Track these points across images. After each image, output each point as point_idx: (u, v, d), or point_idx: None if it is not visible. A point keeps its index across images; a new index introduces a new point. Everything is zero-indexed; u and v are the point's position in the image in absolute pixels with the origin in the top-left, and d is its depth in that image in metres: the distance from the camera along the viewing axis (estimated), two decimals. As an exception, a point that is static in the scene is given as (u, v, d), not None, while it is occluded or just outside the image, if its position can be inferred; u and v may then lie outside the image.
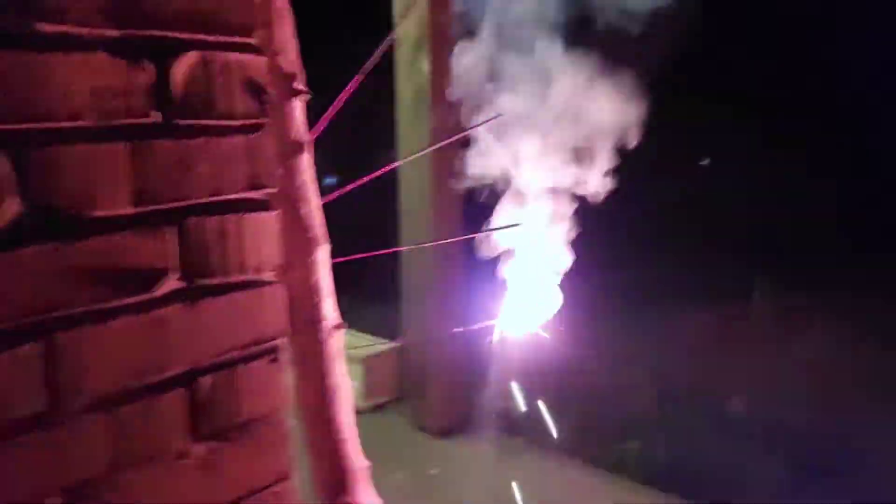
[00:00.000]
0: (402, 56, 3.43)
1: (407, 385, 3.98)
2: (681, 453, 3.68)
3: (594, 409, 4.23)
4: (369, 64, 1.14)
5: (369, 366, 4.06)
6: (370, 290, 5.29)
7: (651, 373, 4.78)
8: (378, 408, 4.13)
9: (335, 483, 1.14)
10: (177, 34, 0.85)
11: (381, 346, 4.27)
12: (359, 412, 3.86)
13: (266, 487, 0.97)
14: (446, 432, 3.89)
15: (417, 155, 3.18)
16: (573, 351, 5.03)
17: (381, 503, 1.18)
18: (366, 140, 4.68)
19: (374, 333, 4.45)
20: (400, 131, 3.56)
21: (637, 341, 5.35)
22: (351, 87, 1.14)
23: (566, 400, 4.28)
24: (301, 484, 1.03)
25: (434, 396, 3.78)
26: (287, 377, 1.00)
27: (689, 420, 4.03)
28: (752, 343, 5.05)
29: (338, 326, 1.10)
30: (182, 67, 0.85)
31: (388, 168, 1.57)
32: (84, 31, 0.78)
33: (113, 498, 0.82)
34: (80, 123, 0.78)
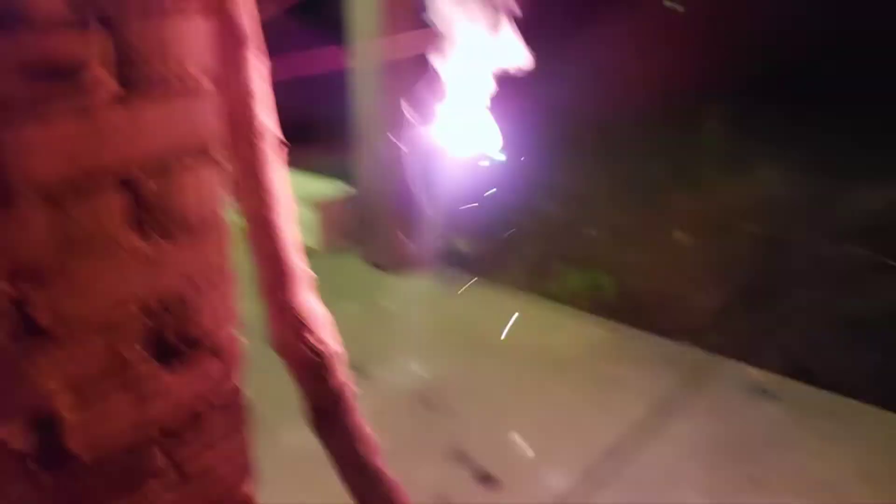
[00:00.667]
0: None
1: (361, 225, 4.04)
2: (632, 285, 3.86)
3: (543, 241, 4.38)
4: None
5: (325, 210, 4.10)
6: (327, 136, 5.23)
7: (605, 206, 4.91)
8: (333, 248, 4.21)
9: (276, 282, 1.20)
10: None
11: (337, 189, 4.28)
12: (313, 253, 3.94)
13: (205, 282, 1.02)
14: (399, 268, 4.01)
15: None
16: (520, 181, 5.07)
17: (321, 304, 1.25)
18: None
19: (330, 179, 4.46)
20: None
21: (587, 171, 5.42)
22: None
23: (517, 234, 4.41)
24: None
25: (386, 233, 3.87)
26: (224, 181, 1.02)
27: (641, 253, 4.18)
28: (703, 169, 5.15)
29: (279, 141, 1.10)
30: None
31: None
32: None
33: (60, 283, 0.86)
34: None
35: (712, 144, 5.27)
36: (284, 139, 1.17)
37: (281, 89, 1.20)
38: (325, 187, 4.30)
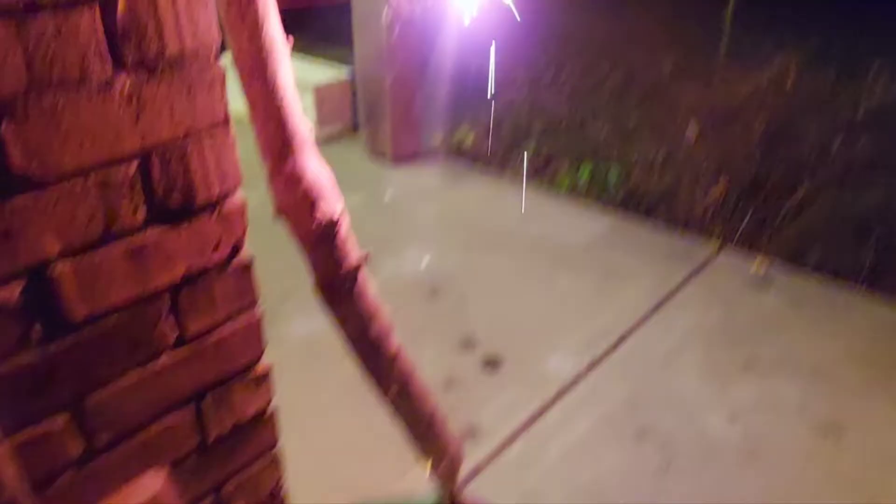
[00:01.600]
0: None
1: (362, 113, 3.90)
2: (638, 178, 3.79)
3: (549, 133, 4.27)
4: None
5: (321, 94, 3.94)
6: (326, 24, 4.99)
7: (608, 103, 4.78)
8: (332, 139, 4.09)
9: (279, 146, 1.11)
10: None
11: (334, 72, 4.11)
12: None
13: (201, 132, 0.93)
14: (402, 161, 3.91)
15: None
16: (522, 69, 4.92)
17: (327, 169, 1.17)
18: None
19: (329, 63, 4.27)
20: None
21: (594, 67, 5.26)
22: None
23: (521, 124, 4.30)
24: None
25: (389, 123, 3.74)
26: (215, 17, 0.91)
27: (646, 146, 4.09)
28: (710, 74, 5.00)
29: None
30: None
31: None
32: None
33: (36, 122, 0.77)
34: None
35: (717, 37, 5.06)
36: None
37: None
38: (323, 72, 4.13)
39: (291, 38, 1.09)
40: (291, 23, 1.20)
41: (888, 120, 4.11)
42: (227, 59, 0.96)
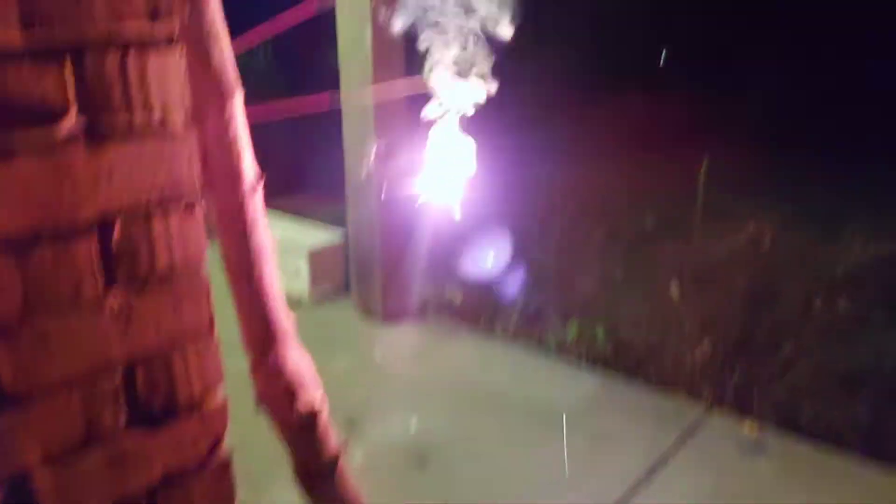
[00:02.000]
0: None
1: (353, 274, 4.00)
2: (624, 336, 3.83)
3: (535, 291, 4.35)
4: None
5: (315, 257, 4.06)
6: (321, 185, 5.24)
7: (594, 254, 4.91)
8: (324, 299, 4.17)
9: (262, 340, 1.16)
10: None
11: (327, 235, 4.26)
12: (305, 304, 3.88)
13: (185, 340, 0.98)
14: (393, 320, 3.97)
15: None
16: (509, 226, 5.09)
17: (307, 358, 1.21)
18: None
19: (323, 226, 4.44)
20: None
21: (576, 221, 5.45)
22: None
23: (508, 282, 4.39)
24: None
25: (379, 284, 3.83)
26: (204, 231, 0.99)
27: (632, 303, 4.16)
28: (689, 231, 5.18)
29: (258, 180, 1.08)
30: None
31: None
32: None
33: (27, 339, 0.82)
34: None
35: (700, 196, 5.31)
36: (278, 185, 1.15)
37: (274, 134, 1.18)
38: (316, 235, 4.28)
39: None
40: (290, 182, 1.28)
41: (868, 277, 4.23)
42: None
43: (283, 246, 4.16)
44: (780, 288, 4.17)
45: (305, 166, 5.72)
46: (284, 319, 1.17)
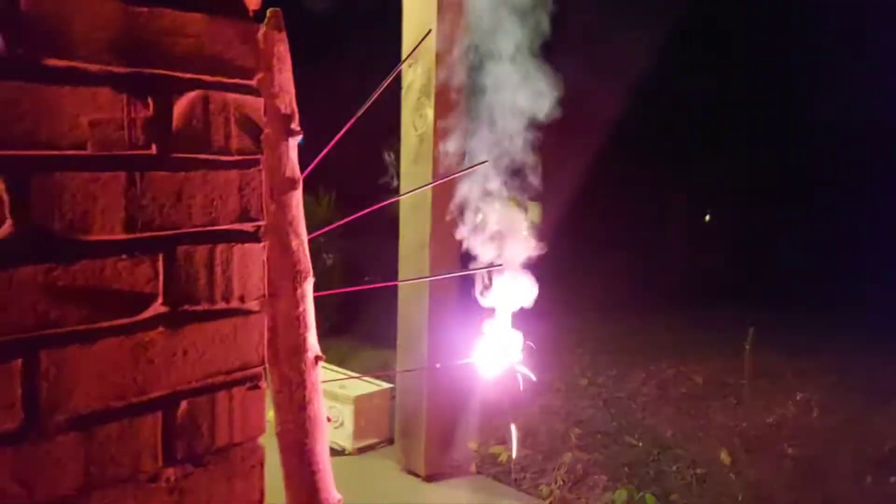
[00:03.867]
0: (409, 102, 3.53)
1: (398, 427, 3.96)
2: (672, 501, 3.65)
3: (585, 447, 4.22)
4: (363, 108, 1.20)
5: (360, 406, 4.05)
6: (372, 333, 5.33)
7: (643, 414, 4.78)
8: (367, 449, 4.10)
9: (308, 514, 1.15)
10: (182, 74, 0.91)
11: (374, 386, 4.26)
12: (348, 454, 3.82)
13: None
14: (436, 477, 3.86)
15: (414, 191, 3.24)
16: (558, 393, 5.03)
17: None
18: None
19: (371, 376, 4.47)
20: (402, 174, 3.64)
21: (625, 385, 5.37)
22: (345, 129, 1.20)
23: (555, 445, 4.27)
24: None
25: (424, 439, 3.76)
26: (264, 405, 1.02)
27: (680, 467, 3.99)
28: (738, 393, 5.04)
29: (318, 358, 1.12)
30: (183, 104, 0.90)
31: (384, 204, 1.62)
32: (92, 66, 0.83)
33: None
34: (81, 152, 0.83)
35: (740, 355, 5.21)
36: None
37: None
38: (364, 387, 4.29)
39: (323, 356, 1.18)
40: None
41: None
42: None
43: (330, 394, 4.17)
44: (830, 459, 3.98)
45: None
46: (332, 495, 1.17)
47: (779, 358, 5.64)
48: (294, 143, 1.10)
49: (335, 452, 3.98)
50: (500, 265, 1.82)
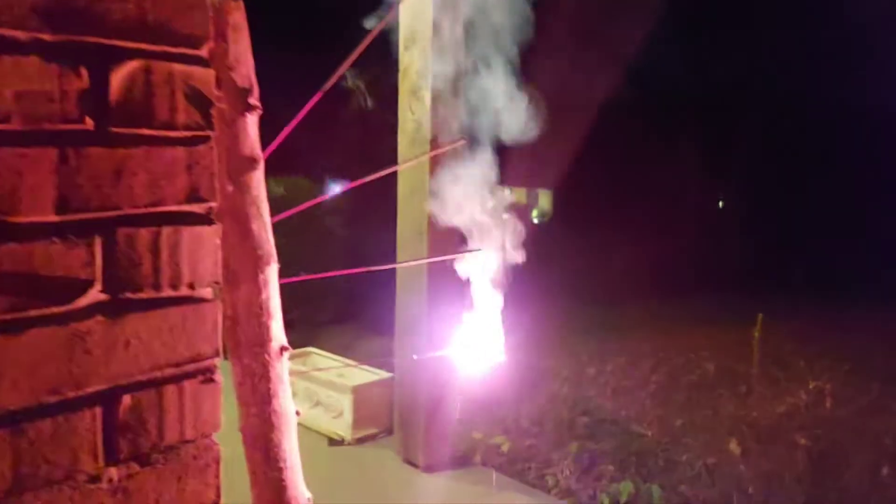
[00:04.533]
0: (405, 86, 3.45)
1: (397, 417, 3.90)
2: (678, 495, 3.58)
3: (584, 445, 4.16)
4: (328, 83, 1.12)
5: (359, 395, 3.99)
6: (376, 321, 5.28)
7: (651, 403, 4.71)
8: (367, 439, 4.05)
9: (274, 515, 1.09)
10: (119, 42, 0.83)
11: (373, 375, 4.21)
12: (347, 443, 3.79)
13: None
14: (435, 467, 3.80)
15: (410, 163, 3.18)
16: (554, 383, 4.97)
17: (321, 538, 1.13)
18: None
19: (369, 365, 4.41)
20: (400, 158, 3.57)
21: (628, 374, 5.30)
22: (308, 106, 1.12)
23: (561, 435, 4.20)
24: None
25: (423, 429, 3.70)
26: (219, 400, 0.96)
27: (689, 458, 3.92)
28: (748, 383, 4.96)
29: (283, 349, 1.06)
30: (122, 75, 0.83)
31: (376, 175, 1.55)
32: (17, 33, 0.76)
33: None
34: (5, 126, 0.76)
35: (749, 344, 5.13)
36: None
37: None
38: (364, 375, 4.24)
39: (288, 346, 1.11)
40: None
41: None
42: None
43: (329, 384, 4.12)
44: (844, 451, 3.88)
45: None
46: (301, 493, 1.10)
47: (792, 345, 5.54)
48: (253, 119, 1.02)
49: (334, 443, 3.93)
50: (479, 249, 1.76)
